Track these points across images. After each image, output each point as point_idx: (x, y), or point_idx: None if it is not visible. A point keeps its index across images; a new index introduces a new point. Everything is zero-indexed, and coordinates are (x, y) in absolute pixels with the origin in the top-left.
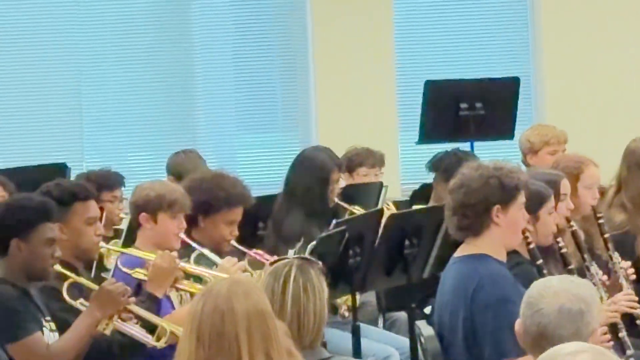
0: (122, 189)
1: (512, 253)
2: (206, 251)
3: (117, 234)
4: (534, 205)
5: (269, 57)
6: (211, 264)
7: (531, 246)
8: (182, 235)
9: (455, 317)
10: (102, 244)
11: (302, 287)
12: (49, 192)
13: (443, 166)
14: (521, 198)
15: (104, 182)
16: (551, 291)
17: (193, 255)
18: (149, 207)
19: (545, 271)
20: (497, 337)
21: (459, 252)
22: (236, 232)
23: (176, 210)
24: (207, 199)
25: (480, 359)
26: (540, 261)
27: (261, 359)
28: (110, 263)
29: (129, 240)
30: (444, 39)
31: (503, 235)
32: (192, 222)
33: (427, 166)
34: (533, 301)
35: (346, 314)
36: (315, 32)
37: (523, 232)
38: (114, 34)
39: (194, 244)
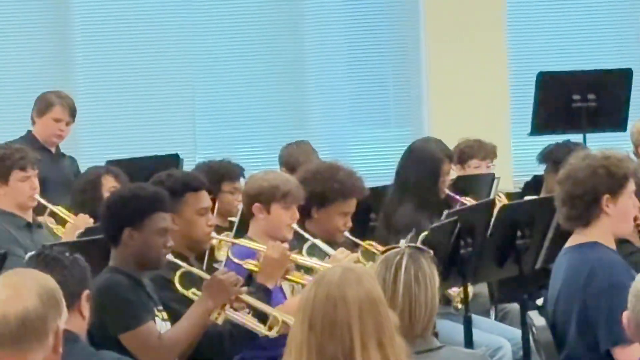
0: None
1: (624, 242)
2: (319, 242)
3: (232, 225)
4: None
5: (380, 50)
6: (323, 255)
7: None
8: (295, 226)
9: (569, 306)
10: (213, 234)
11: (413, 275)
12: (161, 182)
13: (554, 158)
14: (630, 186)
15: (226, 173)
16: None
17: (305, 246)
18: (262, 197)
19: None
20: (611, 323)
21: (570, 242)
22: (350, 224)
23: (289, 201)
24: (321, 190)
25: (594, 347)
26: None
27: (373, 346)
28: (221, 255)
29: (241, 231)
30: (557, 31)
31: (613, 224)
32: (305, 213)
33: (538, 158)
34: None
35: (459, 305)
36: (427, 25)
37: (635, 219)
38: (227, 27)
39: (306, 235)
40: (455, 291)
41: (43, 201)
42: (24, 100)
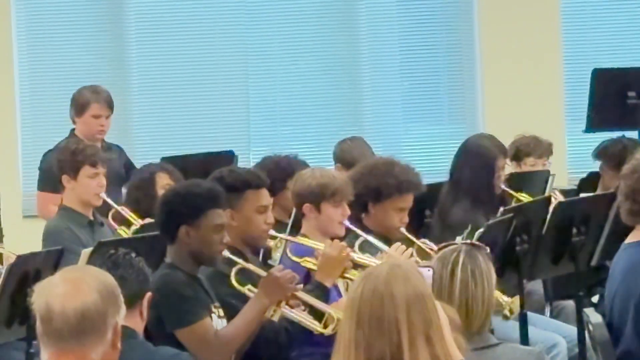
0: None
1: None
2: (371, 238)
3: None
4: None
5: (434, 46)
6: (375, 251)
7: None
8: (347, 223)
9: (626, 304)
10: (271, 231)
11: (470, 273)
12: (222, 179)
13: (609, 154)
14: None
15: (292, 170)
16: None
17: (357, 242)
18: (311, 197)
19: None
20: None
21: (630, 239)
22: (406, 220)
23: (339, 199)
24: (377, 185)
25: None
26: None
27: (421, 342)
28: (277, 255)
29: (294, 229)
30: (612, 27)
31: None
32: (362, 208)
33: (593, 154)
34: None
35: (508, 314)
36: (481, 21)
37: None
38: (281, 24)
39: (358, 231)
40: (507, 300)
41: (109, 200)
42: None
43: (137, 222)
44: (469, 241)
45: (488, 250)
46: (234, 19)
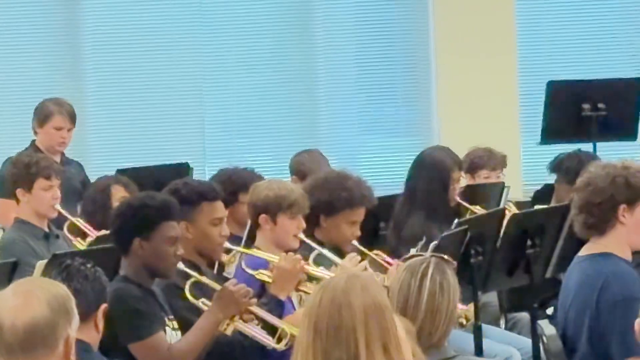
0: None
1: (634, 253)
2: (325, 251)
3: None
4: None
5: (390, 58)
6: (330, 264)
7: None
8: (302, 236)
9: (581, 316)
10: (226, 243)
11: (438, 285)
12: (177, 191)
13: (565, 167)
14: None
15: (245, 183)
16: None
17: (312, 255)
18: (268, 208)
19: None
20: (625, 335)
21: (583, 251)
22: (358, 233)
23: (295, 211)
24: (330, 198)
25: (605, 358)
26: None
27: (379, 352)
28: (232, 267)
29: (250, 241)
30: (567, 40)
31: (629, 234)
32: (314, 222)
33: (549, 167)
34: None
35: (464, 322)
36: (437, 33)
37: None
38: (237, 36)
39: (312, 244)
40: (462, 308)
41: (64, 212)
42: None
43: (93, 234)
44: (436, 254)
45: (455, 264)
46: (190, 31)
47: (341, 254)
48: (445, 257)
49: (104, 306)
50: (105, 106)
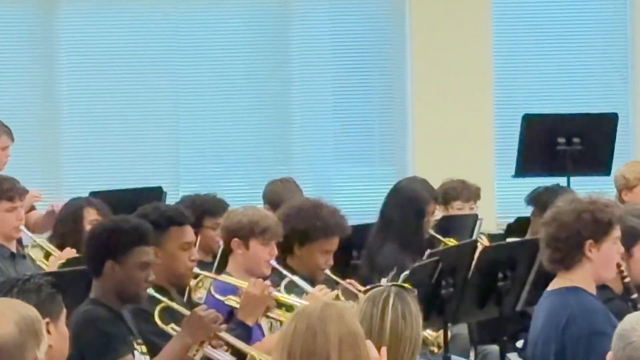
0: None
1: (603, 288)
2: (297, 279)
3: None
4: (628, 241)
5: (366, 88)
6: (302, 292)
7: (626, 280)
8: (273, 262)
9: (547, 350)
10: (195, 269)
11: (400, 313)
12: (146, 215)
13: (541, 201)
14: (615, 233)
15: (209, 208)
16: None
17: (283, 283)
18: (241, 232)
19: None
20: None
21: (552, 286)
22: (331, 262)
23: (268, 237)
24: (304, 228)
25: None
26: (635, 295)
27: None
28: (200, 293)
29: (221, 266)
30: (543, 74)
31: (595, 269)
32: (287, 249)
33: (526, 200)
34: (625, 334)
35: (435, 350)
36: (413, 65)
37: (618, 266)
38: (212, 62)
39: (284, 272)
40: (433, 335)
41: (29, 233)
42: None
43: (56, 254)
44: (397, 283)
45: (416, 292)
46: (165, 55)
47: (313, 282)
48: (406, 285)
49: (45, 321)
50: (80, 129)
